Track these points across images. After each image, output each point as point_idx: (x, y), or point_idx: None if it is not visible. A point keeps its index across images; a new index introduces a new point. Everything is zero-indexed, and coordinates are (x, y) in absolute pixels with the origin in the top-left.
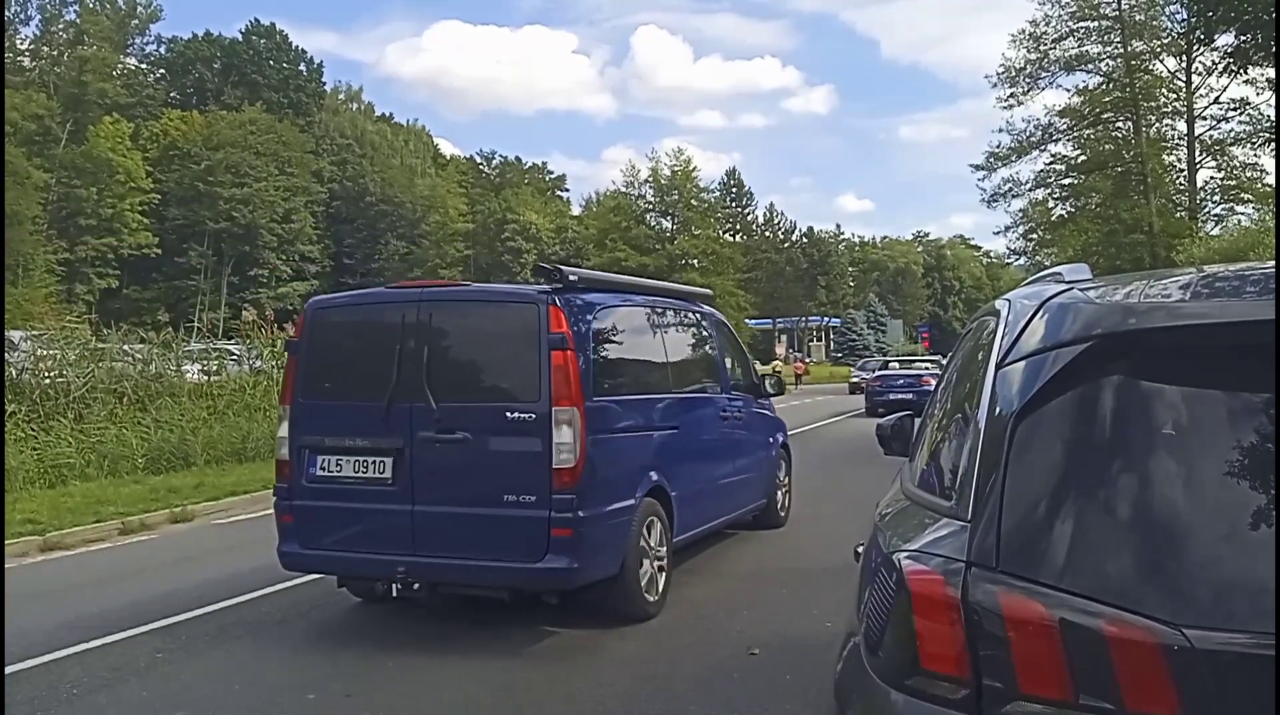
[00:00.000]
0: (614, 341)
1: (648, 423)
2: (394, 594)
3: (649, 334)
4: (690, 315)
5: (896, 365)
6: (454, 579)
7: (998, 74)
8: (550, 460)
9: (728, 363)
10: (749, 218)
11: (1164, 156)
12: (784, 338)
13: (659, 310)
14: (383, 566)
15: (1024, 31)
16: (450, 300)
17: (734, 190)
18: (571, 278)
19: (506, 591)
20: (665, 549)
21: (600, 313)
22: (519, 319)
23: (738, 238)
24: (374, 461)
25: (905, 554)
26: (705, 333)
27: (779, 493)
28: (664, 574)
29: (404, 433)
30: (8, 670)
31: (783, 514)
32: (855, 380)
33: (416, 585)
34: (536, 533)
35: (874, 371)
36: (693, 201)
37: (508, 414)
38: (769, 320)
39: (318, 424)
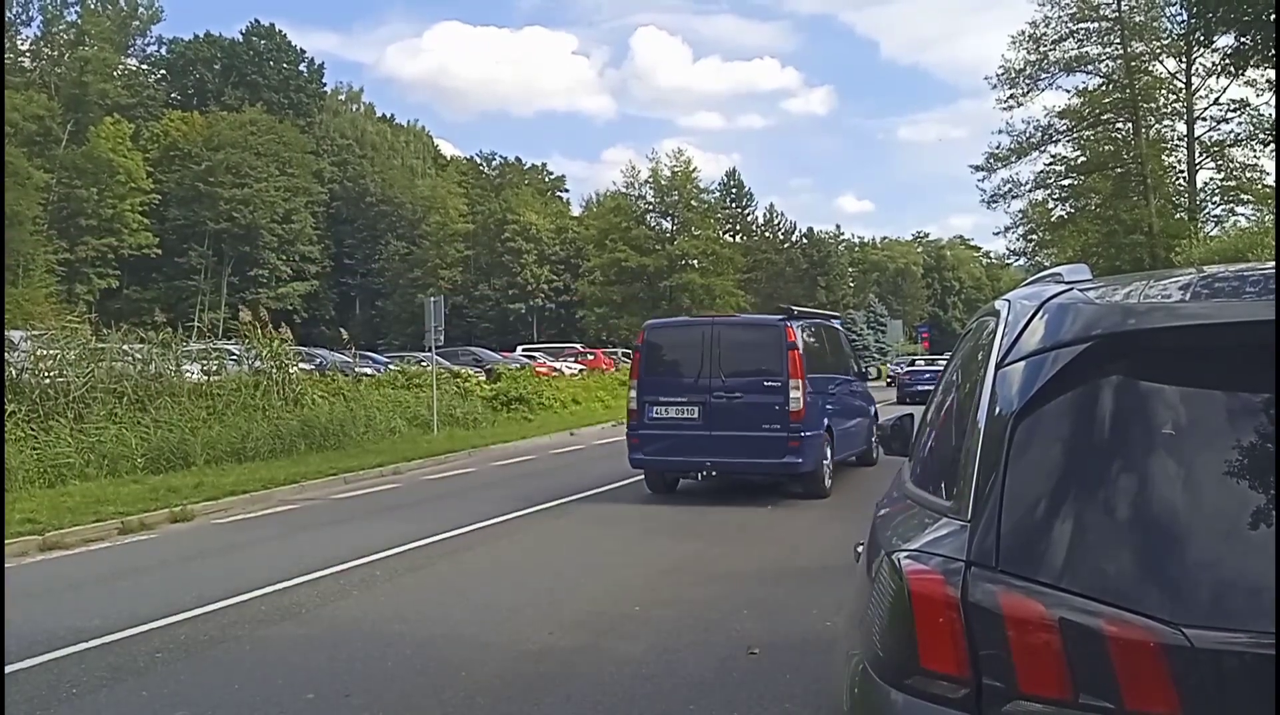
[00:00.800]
0: (811, 345)
1: (823, 391)
2: (699, 478)
3: (822, 341)
4: (834, 329)
5: (922, 362)
6: (734, 470)
7: (997, 75)
8: (788, 406)
9: (849, 358)
10: (749, 218)
11: (1164, 157)
12: None
13: (824, 327)
14: (693, 465)
15: (1024, 33)
16: (729, 324)
17: (734, 191)
18: (794, 311)
19: (761, 476)
20: (829, 462)
21: (805, 329)
22: (771, 333)
23: (738, 238)
24: (689, 408)
25: (905, 553)
26: (839, 339)
27: (872, 441)
28: (830, 476)
29: (706, 393)
30: (7, 670)
31: (874, 456)
32: (891, 376)
33: (714, 474)
34: (780, 444)
35: (905, 369)
36: (693, 202)
37: (764, 382)
38: None
39: (654, 389)
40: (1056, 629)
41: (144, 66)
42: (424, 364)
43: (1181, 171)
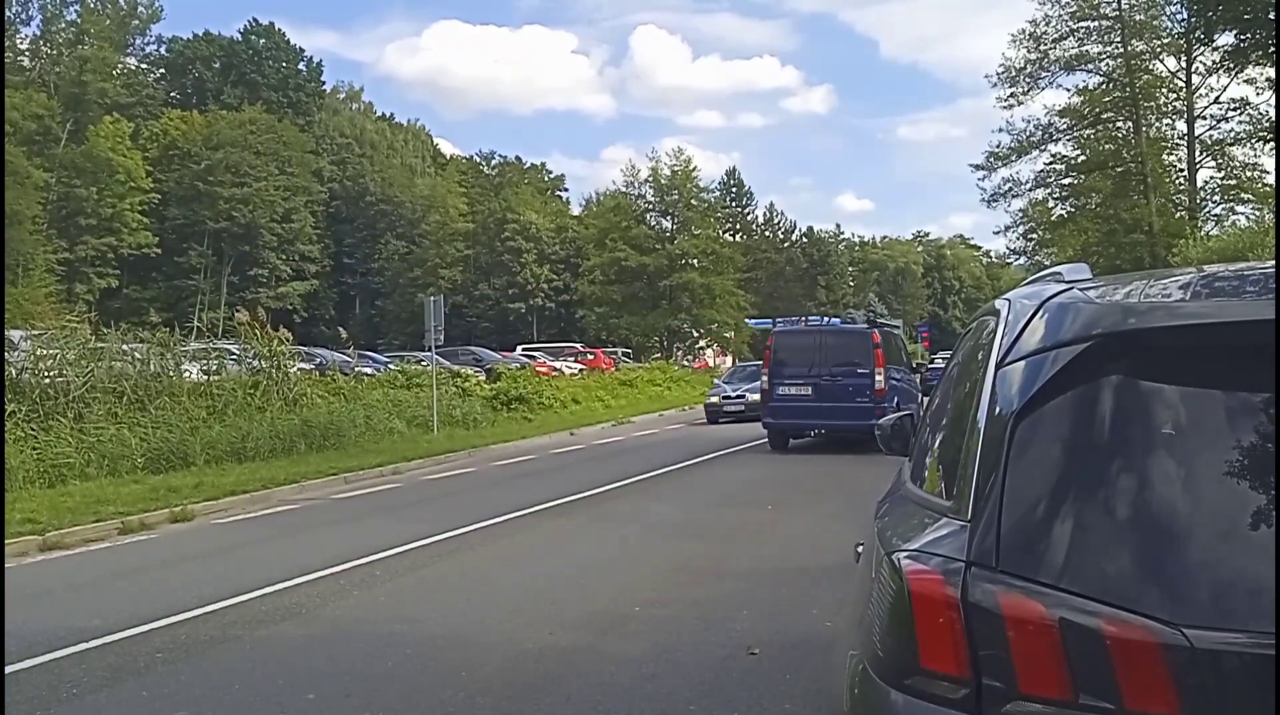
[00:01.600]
0: (888, 344)
1: (890, 377)
2: (811, 436)
3: (889, 343)
4: (896, 335)
5: (940, 361)
6: (835, 430)
7: (998, 74)
8: (874, 386)
9: (905, 356)
10: (749, 217)
11: (1164, 156)
12: None
13: (891, 333)
14: (808, 426)
15: (1024, 31)
16: (834, 331)
17: (734, 190)
18: (880, 319)
19: (856, 434)
20: None
21: (884, 332)
22: (863, 336)
23: (738, 237)
24: (804, 389)
25: (905, 553)
26: (900, 342)
27: None
28: None
29: (817, 378)
30: (8, 670)
31: None
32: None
33: (822, 432)
34: (869, 412)
35: (928, 367)
36: (693, 201)
37: (858, 369)
38: (769, 320)
39: (780, 375)
40: (1056, 629)
41: (143, 65)
42: (424, 364)
43: (1181, 170)
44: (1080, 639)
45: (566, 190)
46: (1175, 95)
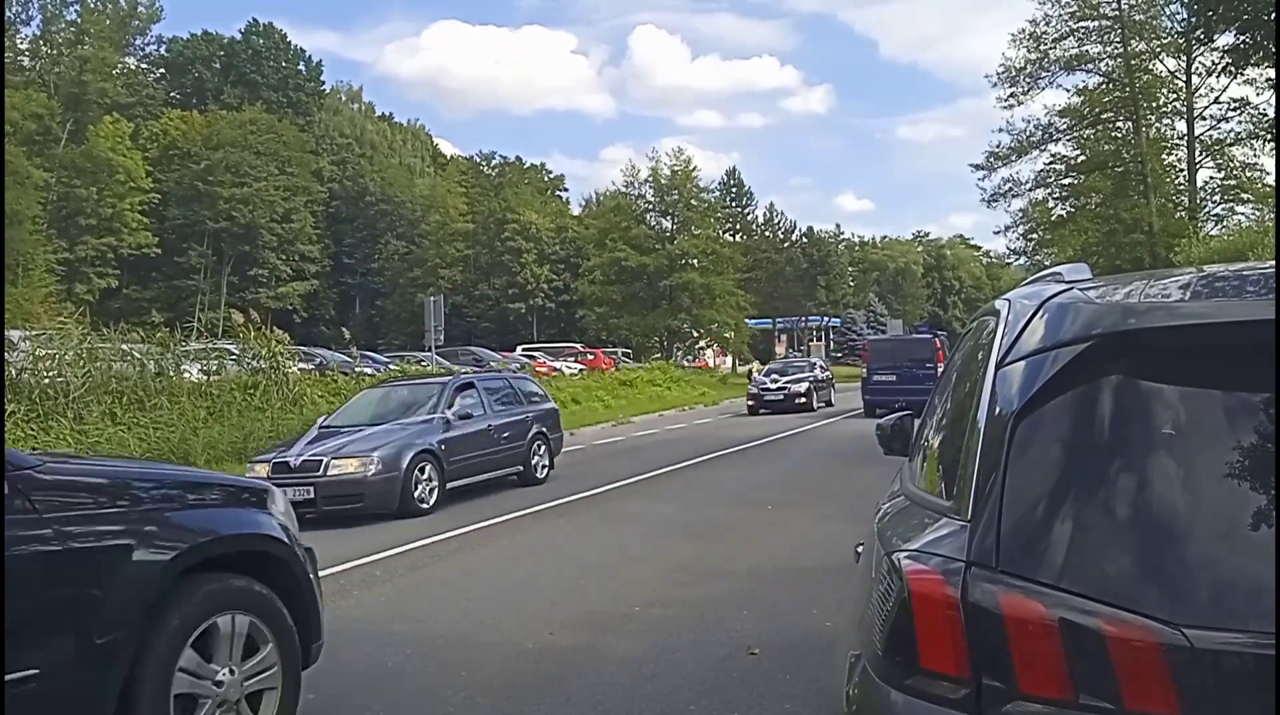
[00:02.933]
0: (945, 345)
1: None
2: (894, 409)
3: (946, 345)
4: (942, 336)
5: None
6: (914, 407)
7: (998, 74)
8: (935, 374)
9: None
10: (749, 217)
11: (1164, 156)
12: (784, 337)
13: (945, 338)
14: (893, 402)
15: (1024, 31)
16: (904, 338)
17: (734, 190)
18: (936, 331)
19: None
20: None
21: (940, 338)
22: (927, 342)
23: (738, 237)
24: (892, 377)
25: (905, 553)
26: (938, 344)
27: None
28: None
29: (900, 369)
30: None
31: None
32: None
33: (906, 405)
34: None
35: None
36: (693, 201)
37: (926, 364)
38: (769, 320)
39: (874, 368)
40: (1056, 629)
41: (143, 65)
42: (424, 364)
43: (1182, 170)
44: (1080, 639)
45: (566, 190)
46: (1175, 95)
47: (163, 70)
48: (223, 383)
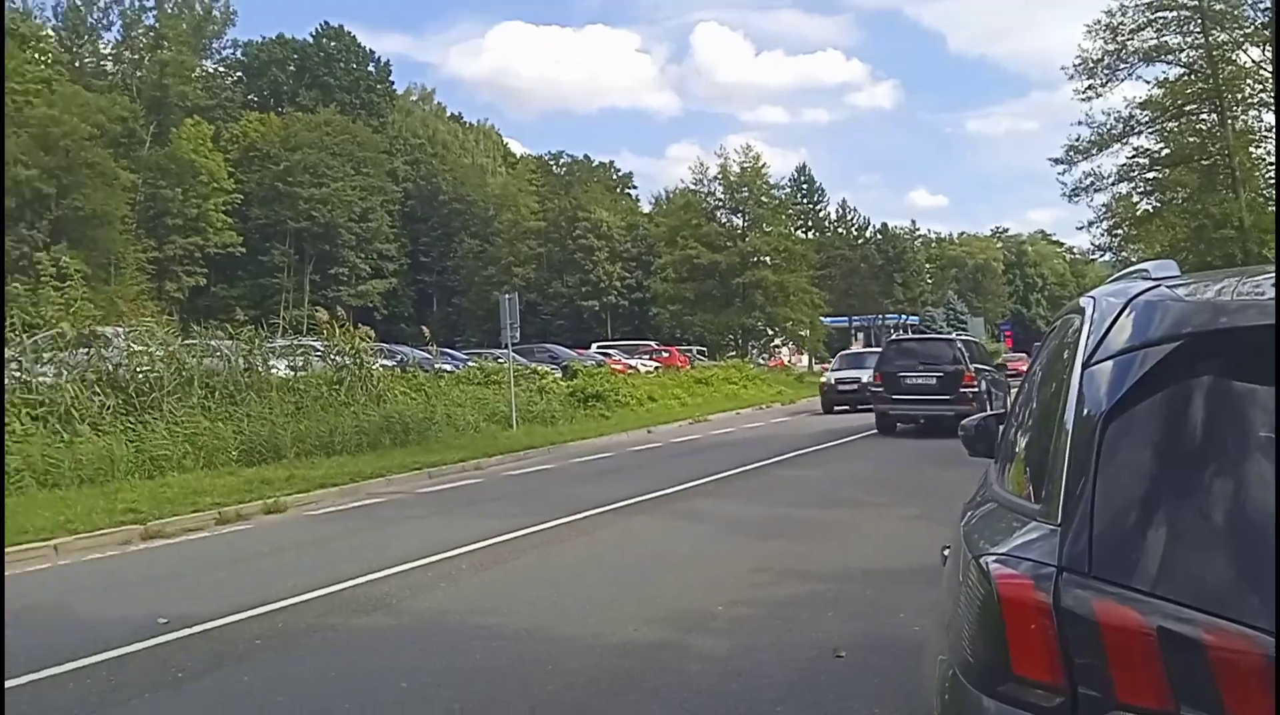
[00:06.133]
0: (969, 347)
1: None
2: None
3: (970, 348)
4: (973, 343)
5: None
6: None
7: (1074, 65)
8: (965, 375)
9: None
10: (820, 214)
11: (1252, 149)
12: (860, 336)
13: (972, 342)
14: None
15: (1099, 22)
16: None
17: (804, 186)
18: (956, 337)
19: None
20: (989, 402)
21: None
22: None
23: (810, 234)
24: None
25: (994, 557)
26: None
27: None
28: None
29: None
30: (117, 652)
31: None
32: None
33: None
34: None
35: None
36: (763, 198)
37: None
38: (845, 318)
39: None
40: (1154, 638)
41: (220, 68)
42: (501, 361)
43: (1271, 163)
44: (1179, 648)
45: (635, 188)
46: (1261, 86)
47: (240, 73)
48: (309, 378)
